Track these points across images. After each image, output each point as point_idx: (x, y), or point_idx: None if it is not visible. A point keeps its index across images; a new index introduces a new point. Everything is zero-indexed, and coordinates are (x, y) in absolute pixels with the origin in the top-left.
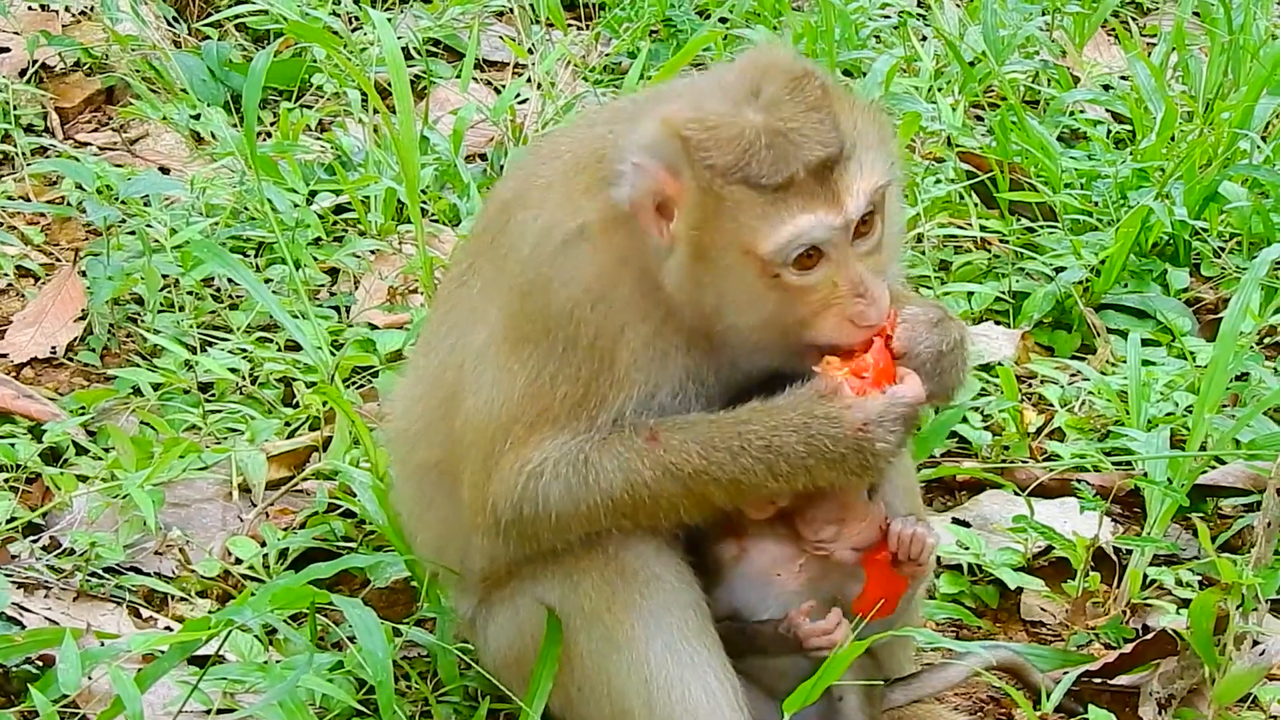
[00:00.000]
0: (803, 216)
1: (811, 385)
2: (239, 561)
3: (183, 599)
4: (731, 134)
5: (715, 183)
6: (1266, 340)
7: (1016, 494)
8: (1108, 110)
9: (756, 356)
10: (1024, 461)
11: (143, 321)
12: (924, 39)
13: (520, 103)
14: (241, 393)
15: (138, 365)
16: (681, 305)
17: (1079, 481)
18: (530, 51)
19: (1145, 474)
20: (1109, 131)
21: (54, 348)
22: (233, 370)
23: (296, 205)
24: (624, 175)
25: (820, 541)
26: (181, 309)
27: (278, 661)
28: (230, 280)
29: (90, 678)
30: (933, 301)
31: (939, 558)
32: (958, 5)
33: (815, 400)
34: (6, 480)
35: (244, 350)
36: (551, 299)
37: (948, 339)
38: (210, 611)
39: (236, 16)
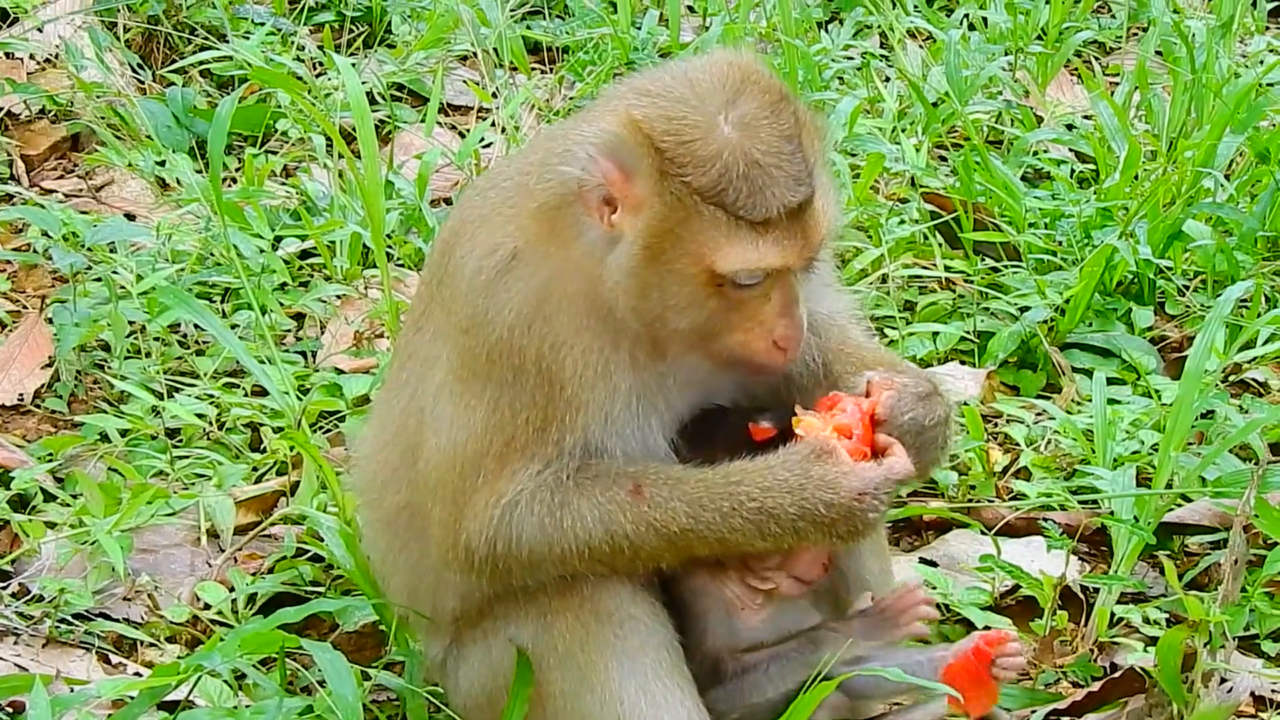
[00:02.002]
0: (772, 251)
1: (806, 445)
2: (207, 607)
3: (152, 645)
4: (708, 153)
5: (690, 199)
6: (1231, 378)
7: (983, 533)
8: (1071, 150)
9: (693, 360)
10: (990, 501)
11: (109, 368)
12: (887, 80)
13: (485, 146)
14: (209, 438)
15: (105, 412)
16: (618, 301)
17: (1045, 520)
18: (494, 95)
19: (1111, 512)
20: (1073, 171)
21: (21, 395)
22: (200, 416)
23: (262, 250)
24: (577, 157)
25: (766, 570)
26: (148, 355)
27: (247, 706)
28: (197, 326)
29: None
30: (926, 374)
31: None
32: (920, 46)
33: (811, 461)
34: None
35: (211, 396)
36: (490, 330)
37: (933, 414)
38: (179, 657)
39: (201, 63)
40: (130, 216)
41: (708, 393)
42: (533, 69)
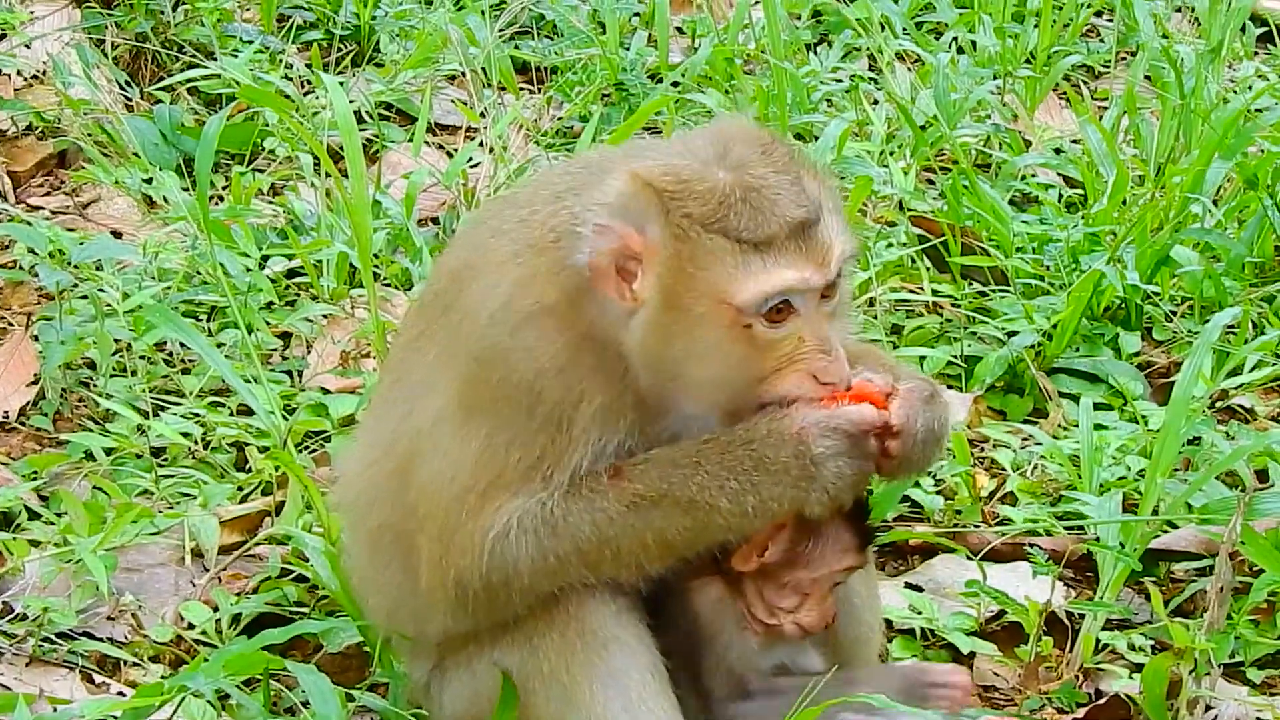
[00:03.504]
0: (784, 271)
1: (770, 412)
2: (191, 627)
3: (135, 664)
4: (706, 188)
5: (693, 231)
6: (1218, 404)
7: (969, 558)
8: (1059, 174)
9: (703, 418)
10: (976, 526)
11: (95, 386)
12: (876, 103)
13: (473, 166)
14: (194, 457)
15: (90, 430)
16: (642, 367)
17: (1031, 546)
18: (483, 115)
19: (1097, 538)
20: (1060, 195)
21: (6, 412)
22: (185, 435)
23: (249, 269)
24: (584, 239)
25: (778, 606)
26: (134, 373)
27: None
28: (183, 345)
29: None
30: (921, 375)
31: (890, 621)
32: (909, 69)
33: (767, 418)
34: None
35: (196, 415)
36: (513, 370)
37: (939, 417)
38: (163, 677)
39: (189, 81)
40: (117, 234)
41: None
42: (521, 89)
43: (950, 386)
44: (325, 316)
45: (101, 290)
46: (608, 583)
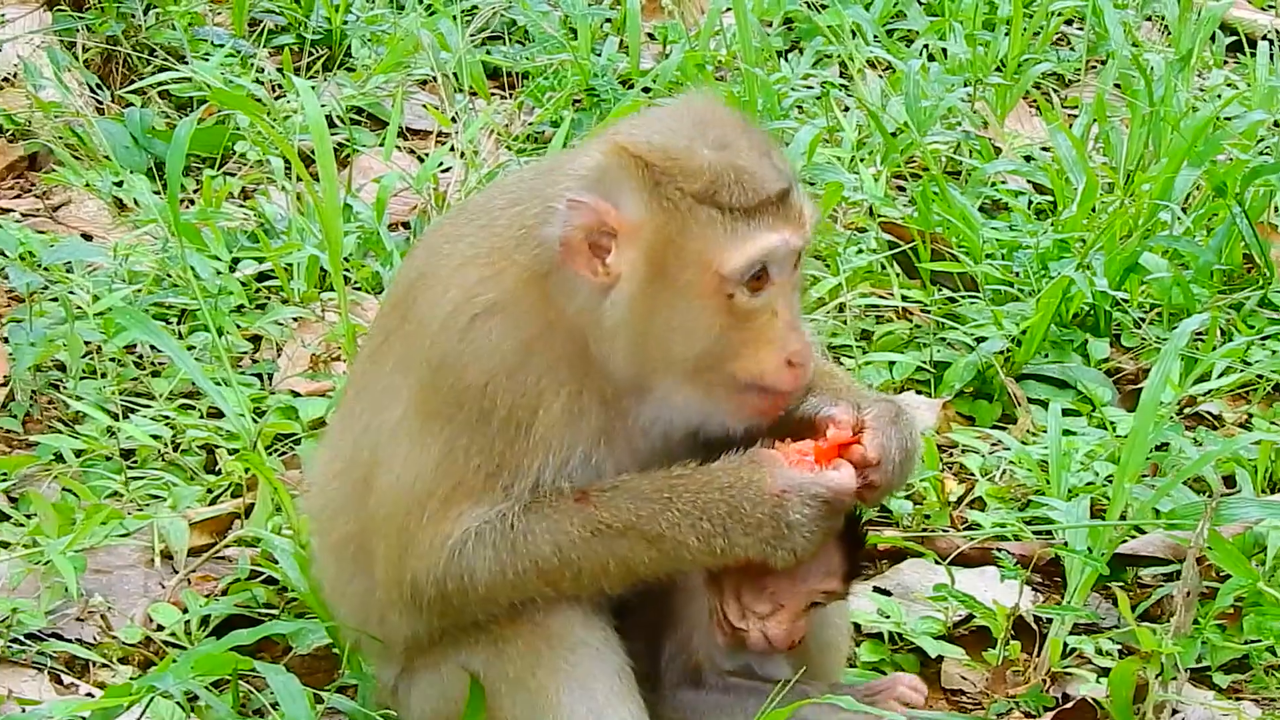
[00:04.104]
0: (769, 235)
1: (749, 452)
2: (161, 628)
3: (104, 665)
4: (696, 165)
5: (684, 203)
6: (1186, 411)
7: (937, 563)
8: (1029, 181)
9: (679, 406)
10: (945, 530)
11: (65, 388)
12: (846, 110)
13: (443, 171)
14: (164, 460)
15: (60, 432)
16: (617, 348)
17: (999, 550)
18: (454, 120)
19: (1065, 543)
20: (1030, 202)
21: None
22: (155, 437)
23: (219, 272)
24: (557, 213)
25: (752, 610)
26: (104, 376)
27: None
28: (153, 347)
29: None
30: (882, 395)
31: (858, 625)
32: (880, 76)
33: (746, 464)
34: None
35: (166, 417)
36: (465, 373)
37: (911, 435)
38: (132, 678)
39: (160, 84)
40: (87, 237)
41: (669, 432)
42: (492, 94)
43: (919, 392)
44: (295, 320)
45: (72, 292)
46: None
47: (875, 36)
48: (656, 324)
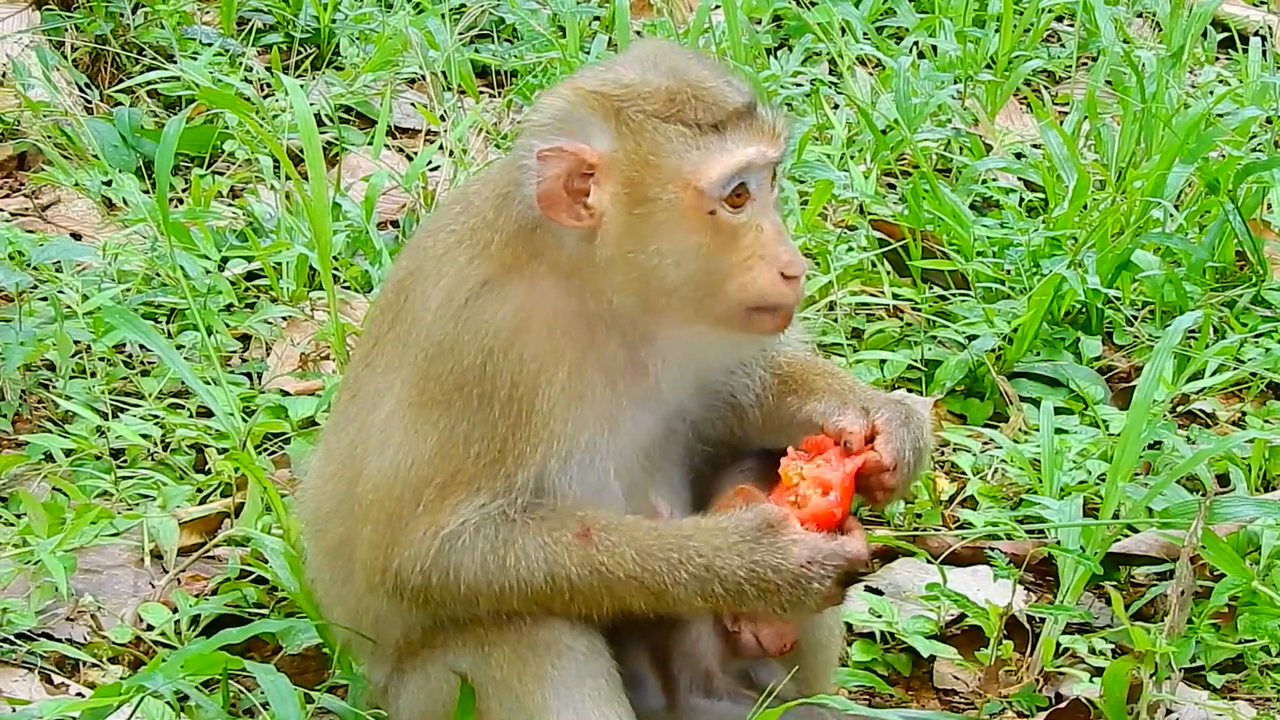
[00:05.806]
0: (743, 148)
1: (760, 512)
2: (151, 628)
3: (94, 665)
4: (651, 89)
5: (649, 124)
6: (1179, 409)
7: (929, 562)
8: (1020, 178)
9: (688, 345)
10: (937, 529)
11: (54, 388)
12: (836, 107)
13: (432, 170)
14: (153, 459)
15: (49, 431)
16: (615, 287)
17: (992, 549)
18: (443, 118)
19: (1058, 542)
20: (1021, 199)
21: None
22: (144, 436)
23: (208, 271)
24: (529, 170)
25: (743, 615)
26: (93, 375)
27: None
28: (142, 346)
29: None
30: (891, 396)
31: (850, 625)
32: (870, 73)
33: (764, 527)
34: None
35: (156, 417)
36: (462, 355)
37: (922, 435)
38: (122, 678)
39: (149, 83)
40: (76, 236)
41: (670, 415)
42: (481, 92)
43: (911, 390)
44: (285, 319)
45: (61, 292)
46: None
47: (865, 33)
48: (648, 253)
